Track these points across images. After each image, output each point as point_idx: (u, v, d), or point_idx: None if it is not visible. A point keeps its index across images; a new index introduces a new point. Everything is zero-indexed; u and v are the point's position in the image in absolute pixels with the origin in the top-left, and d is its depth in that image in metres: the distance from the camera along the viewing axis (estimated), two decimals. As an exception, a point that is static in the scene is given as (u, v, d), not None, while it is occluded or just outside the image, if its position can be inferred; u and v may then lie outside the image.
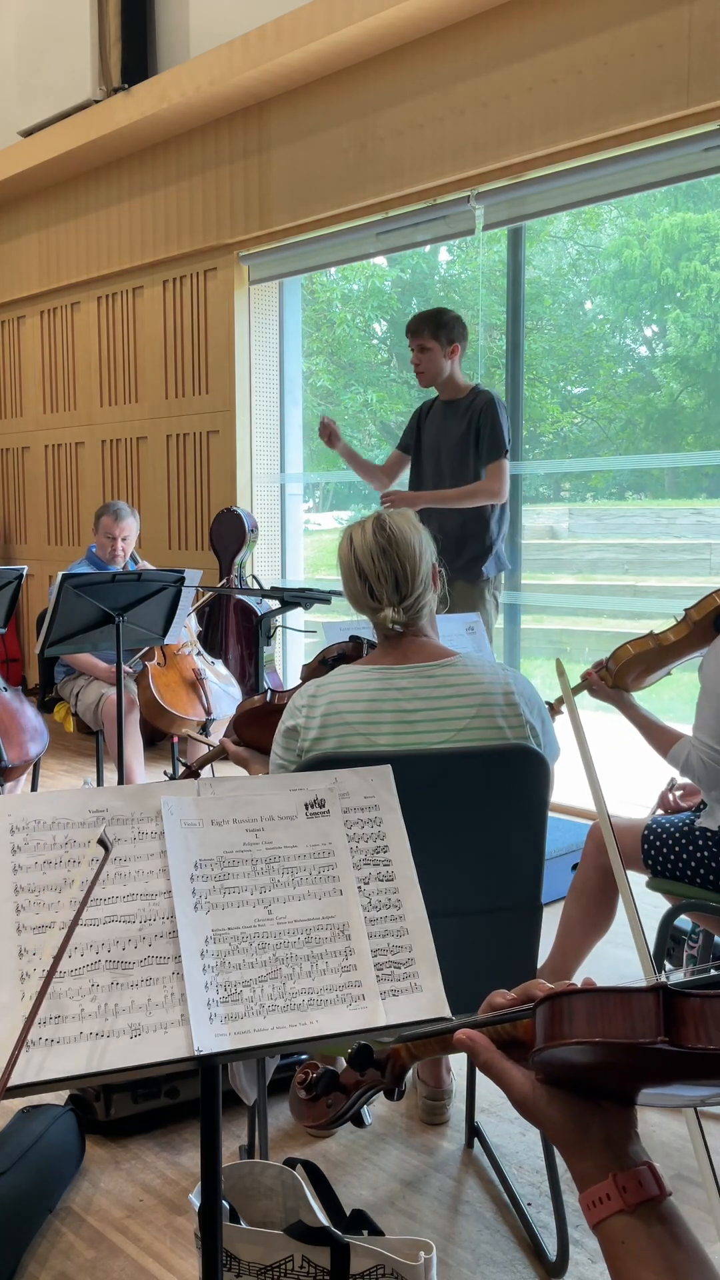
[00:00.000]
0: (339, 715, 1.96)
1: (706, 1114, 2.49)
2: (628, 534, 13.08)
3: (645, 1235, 0.78)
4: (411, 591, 2.03)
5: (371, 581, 2.03)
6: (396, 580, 2.02)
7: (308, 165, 5.47)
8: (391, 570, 2.02)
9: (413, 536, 2.05)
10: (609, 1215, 0.79)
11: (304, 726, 1.99)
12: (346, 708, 1.97)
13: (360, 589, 2.05)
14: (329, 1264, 1.64)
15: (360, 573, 2.04)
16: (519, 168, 4.64)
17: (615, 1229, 0.79)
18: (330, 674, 2.05)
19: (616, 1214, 0.79)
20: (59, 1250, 2.05)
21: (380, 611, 2.02)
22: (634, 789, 5.08)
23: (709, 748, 2.46)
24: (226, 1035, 1.28)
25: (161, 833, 1.37)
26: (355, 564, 2.04)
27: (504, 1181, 2.23)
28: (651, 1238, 0.78)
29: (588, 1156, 0.81)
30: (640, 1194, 0.79)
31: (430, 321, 4.25)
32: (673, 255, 13.76)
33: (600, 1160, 0.81)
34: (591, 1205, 0.80)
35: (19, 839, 1.32)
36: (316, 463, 8.03)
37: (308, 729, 1.98)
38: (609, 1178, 0.80)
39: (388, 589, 2.02)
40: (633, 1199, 0.79)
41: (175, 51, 6.10)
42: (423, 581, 2.05)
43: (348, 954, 1.37)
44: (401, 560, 2.03)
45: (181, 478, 6.48)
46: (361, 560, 2.04)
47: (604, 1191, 0.80)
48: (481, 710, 1.98)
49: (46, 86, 6.63)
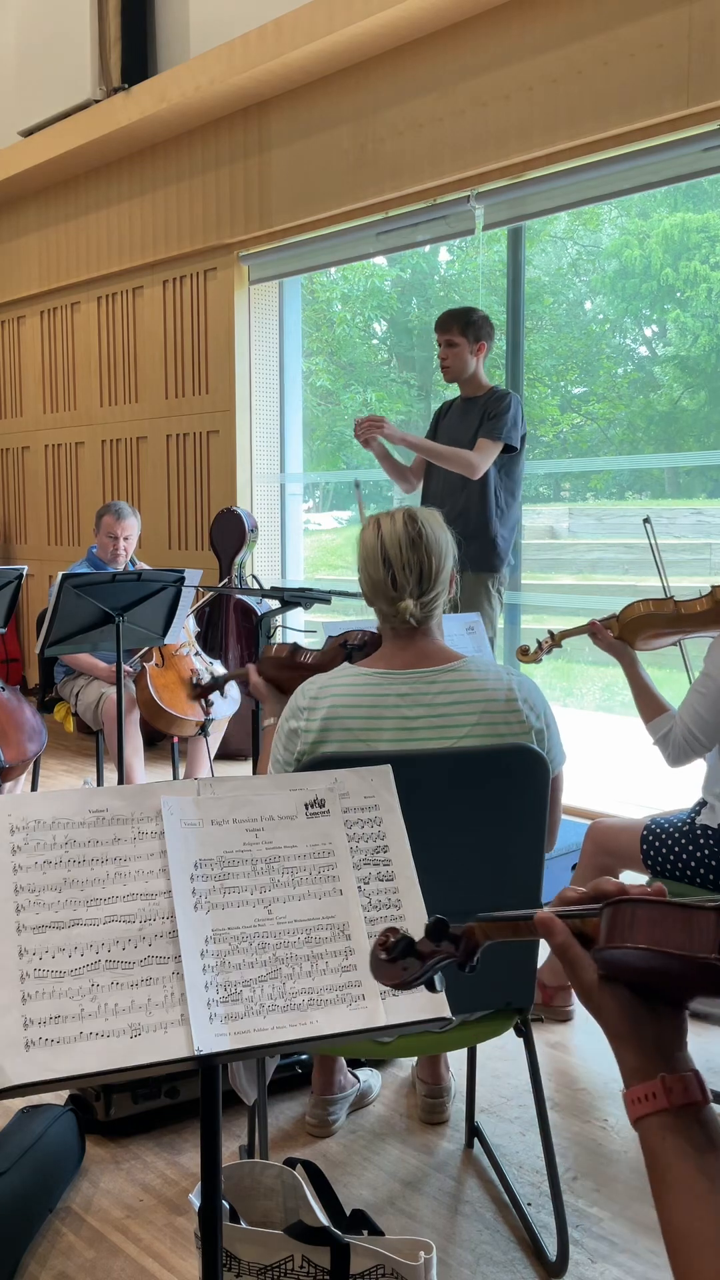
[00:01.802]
0: (339, 720, 1.96)
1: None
2: (628, 534, 13.08)
3: (685, 1134, 0.84)
4: (433, 588, 2.03)
5: (396, 570, 2.01)
6: (421, 573, 2.01)
7: (308, 165, 5.47)
8: (418, 563, 2.01)
9: (441, 535, 2.06)
10: (651, 1113, 0.85)
11: (305, 729, 1.98)
12: (347, 713, 1.96)
13: (383, 576, 2.02)
14: (329, 1264, 1.64)
15: (385, 560, 2.02)
16: (519, 168, 4.64)
17: (655, 1125, 0.85)
18: (333, 674, 2.04)
19: (659, 1112, 0.85)
20: (59, 1250, 2.05)
21: (400, 602, 2.00)
22: (634, 789, 5.08)
23: (691, 734, 2.49)
24: (226, 1035, 1.28)
25: (161, 833, 1.37)
26: (382, 551, 2.03)
27: (504, 1181, 2.23)
28: (690, 1138, 0.84)
29: (639, 1053, 0.87)
30: (685, 1097, 0.85)
31: (459, 318, 4.27)
32: (673, 255, 13.76)
33: (650, 1059, 0.87)
34: (636, 1101, 0.86)
35: (19, 839, 1.32)
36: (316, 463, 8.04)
37: (308, 732, 1.98)
38: (658, 1078, 0.86)
39: (411, 581, 2.01)
40: (677, 1100, 0.85)
41: (175, 51, 6.10)
42: (443, 581, 2.06)
43: (348, 954, 1.37)
44: (429, 555, 2.02)
45: (181, 478, 6.48)
46: (389, 548, 2.02)
47: (650, 1090, 0.86)
48: (483, 718, 1.97)
49: (46, 86, 6.63)
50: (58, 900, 1.30)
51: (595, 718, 8.97)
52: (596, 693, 9.84)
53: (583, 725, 8.04)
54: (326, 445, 14.16)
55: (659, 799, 4.21)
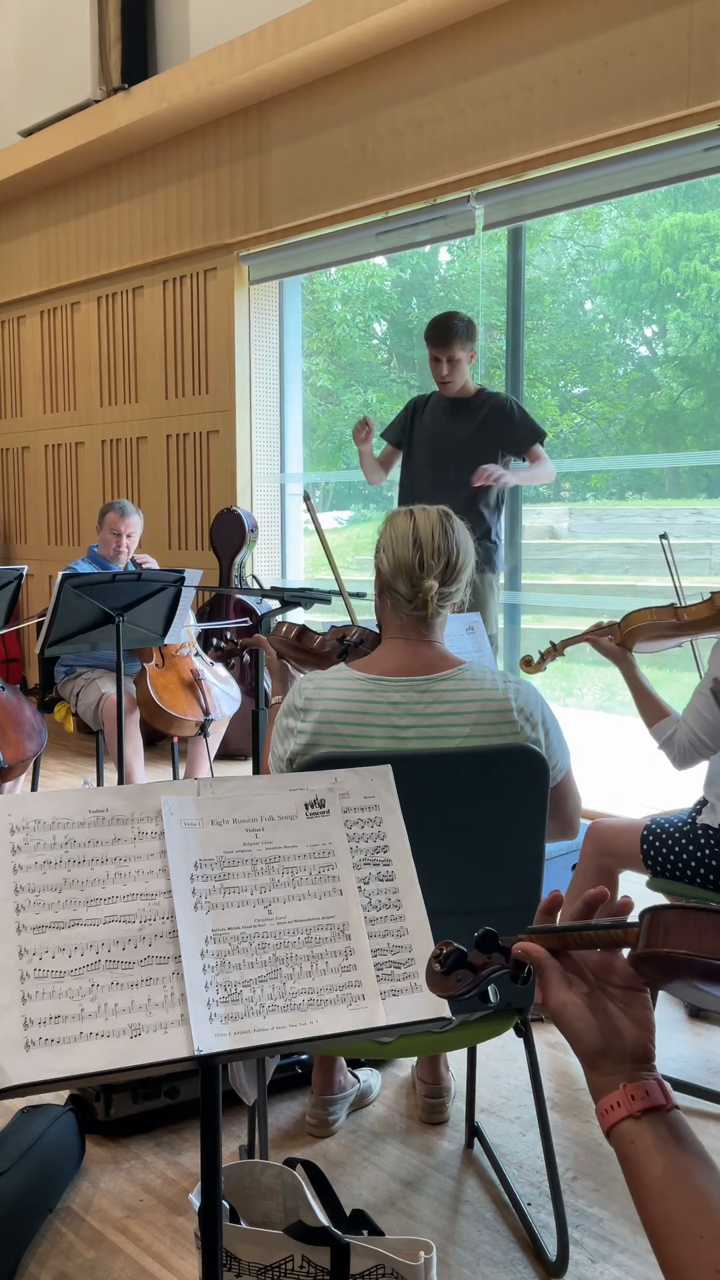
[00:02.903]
0: (330, 725, 1.95)
1: (706, 1114, 2.49)
2: (628, 534, 13.08)
3: (651, 1135, 0.89)
4: (455, 580, 2.04)
5: (426, 553, 2.01)
6: (448, 563, 2.02)
7: (308, 165, 5.47)
8: (447, 551, 2.02)
9: (468, 539, 2.08)
10: (619, 1120, 0.90)
11: (298, 729, 1.98)
12: (339, 718, 1.95)
13: (411, 557, 2.01)
14: (329, 1264, 1.64)
15: (417, 541, 2.02)
16: (519, 168, 4.64)
17: (624, 1131, 0.90)
18: (329, 675, 2.04)
19: (626, 1119, 0.90)
20: (59, 1250, 2.05)
21: (425, 581, 2.00)
22: (634, 789, 5.08)
23: (695, 736, 2.51)
24: (226, 1035, 1.28)
25: (161, 833, 1.37)
26: (415, 533, 2.02)
27: (504, 1181, 2.23)
28: (657, 1136, 0.89)
29: (605, 1071, 0.93)
30: (647, 1101, 0.90)
31: (459, 333, 4.25)
32: (673, 255, 13.76)
33: (615, 1074, 0.93)
34: (605, 1112, 0.91)
35: (19, 839, 1.32)
36: (316, 463, 8.04)
37: (301, 733, 1.97)
38: (620, 1087, 0.91)
39: (439, 566, 2.01)
40: (639, 1105, 0.90)
41: (175, 51, 6.10)
42: (464, 581, 2.06)
43: (348, 954, 1.37)
44: (458, 549, 2.04)
45: (181, 478, 6.48)
46: (421, 531, 2.02)
47: (615, 1100, 0.91)
48: (475, 729, 1.96)
49: (46, 86, 6.63)
50: (58, 900, 1.30)
51: (595, 718, 8.97)
52: (596, 693, 9.84)
53: (583, 725, 8.04)
54: (326, 445, 14.17)
55: (659, 799, 4.21)
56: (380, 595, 2.10)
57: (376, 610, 2.16)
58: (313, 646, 2.70)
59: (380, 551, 2.07)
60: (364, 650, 2.46)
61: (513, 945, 1.00)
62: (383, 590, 2.08)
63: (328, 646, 2.68)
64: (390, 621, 2.08)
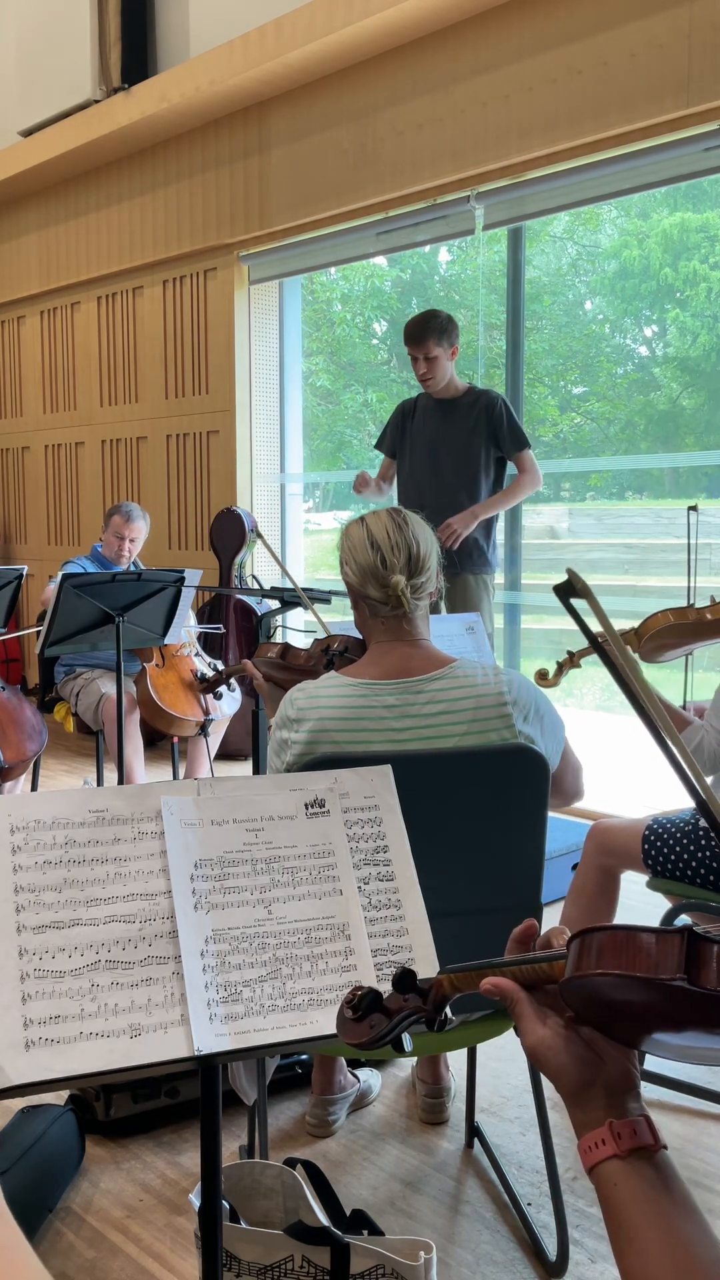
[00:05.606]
0: (326, 734, 1.94)
1: (706, 1114, 2.49)
2: (627, 534, 13.08)
3: (636, 1179, 0.81)
4: (421, 571, 2.02)
5: (385, 551, 2.00)
6: (410, 555, 2.01)
7: (308, 165, 5.47)
8: (406, 545, 2.01)
9: (424, 529, 2.07)
10: (603, 1159, 0.83)
11: (293, 740, 1.98)
12: (334, 725, 1.95)
13: (372, 558, 2.01)
14: (329, 1264, 1.63)
15: (374, 543, 2.01)
16: (519, 168, 4.64)
17: (608, 1173, 0.82)
18: (320, 684, 2.02)
19: (610, 1158, 0.82)
20: (59, 1250, 2.05)
21: (391, 578, 1.99)
22: (635, 789, 5.08)
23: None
24: (226, 1035, 1.28)
25: (161, 833, 1.37)
26: (369, 536, 2.02)
27: (504, 1181, 2.23)
28: (643, 1179, 0.81)
29: (588, 1107, 0.85)
30: (634, 1141, 0.82)
31: (434, 330, 4.24)
32: (672, 255, 13.76)
33: (598, 1110, 0.85)
34: (588, 1150, 0.84)
35: (19, 839, 1.32)
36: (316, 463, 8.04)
37: (296, 744, 1.97)
38: (605, 1124, 0.83)
39: (400, 560, 2.01)
40: (626, 1145, 0.82)
41: (175, 51, 6.10)
42: (431, 570, 2.05)
43: (348, 954, 1.37)
44: (416, 540, 2.03)
45: (181, 478, 6.48)
46: (376, 533, 2.02)
47: (599, 1137, 0.83)
48: (472, 726, 1.95)
49: (46, 86, 6.63)
50: (58, 900, 1.30)
51: (595, 717, 8.97)
52: (597, 693, 9.84)
53: (583, 725, 8.04)
54: (326, 445, 14.16)
55: (660, 799, 4.21)
56: (356, 607, 2.09)
57: (357, 623, 2.14)
58: (299, 663, 2.69)
59: (344, 565, 2.07)
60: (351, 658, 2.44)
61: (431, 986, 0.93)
62: (357, 601, 2.07)
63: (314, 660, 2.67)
64: (372, 628, 2.07)
